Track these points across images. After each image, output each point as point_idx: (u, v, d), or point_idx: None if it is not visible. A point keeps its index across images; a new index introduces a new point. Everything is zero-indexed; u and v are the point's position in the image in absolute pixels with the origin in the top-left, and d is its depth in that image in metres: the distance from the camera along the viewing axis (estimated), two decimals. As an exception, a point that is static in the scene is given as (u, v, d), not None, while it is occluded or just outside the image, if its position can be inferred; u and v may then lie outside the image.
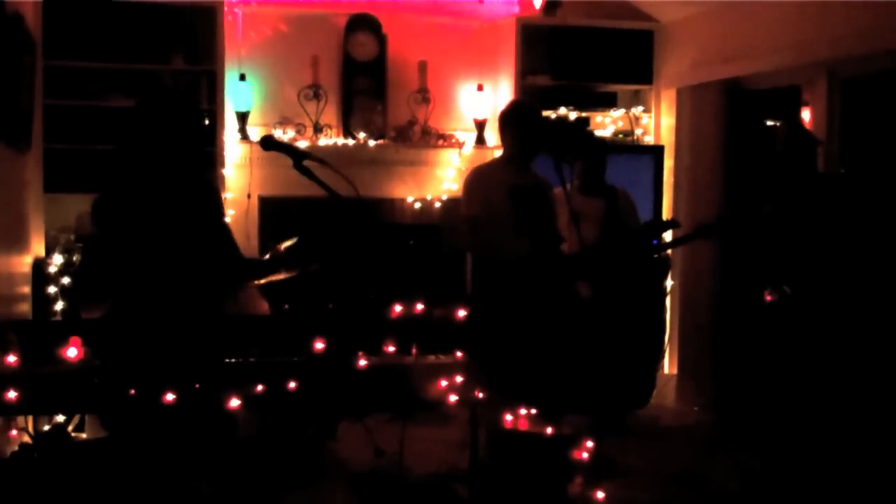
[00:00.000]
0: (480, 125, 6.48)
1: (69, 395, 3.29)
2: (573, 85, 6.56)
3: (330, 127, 6.27)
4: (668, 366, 6.59)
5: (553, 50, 6.48)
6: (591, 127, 6.58)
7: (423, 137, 6.42)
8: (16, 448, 3.96)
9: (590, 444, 3.91)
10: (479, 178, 4.82)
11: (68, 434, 4.29)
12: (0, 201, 4.47)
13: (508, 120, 4.87)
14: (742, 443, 5.07)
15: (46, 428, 4.45)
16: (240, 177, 6.12)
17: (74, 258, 5.31)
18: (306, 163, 3.35)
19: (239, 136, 6.06)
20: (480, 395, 3.58)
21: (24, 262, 5.06)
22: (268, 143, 3.46)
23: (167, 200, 3.34)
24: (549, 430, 3.91)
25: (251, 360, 3.37)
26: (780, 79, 5.68)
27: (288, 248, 4.94)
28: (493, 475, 3.94)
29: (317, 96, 6.19)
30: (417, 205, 6.47)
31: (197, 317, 3.36)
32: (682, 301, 6.37)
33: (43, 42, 5.40)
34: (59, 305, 5.15)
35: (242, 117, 6.08)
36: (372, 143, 6.25)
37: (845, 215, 4.56)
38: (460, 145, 6.45)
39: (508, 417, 3.93)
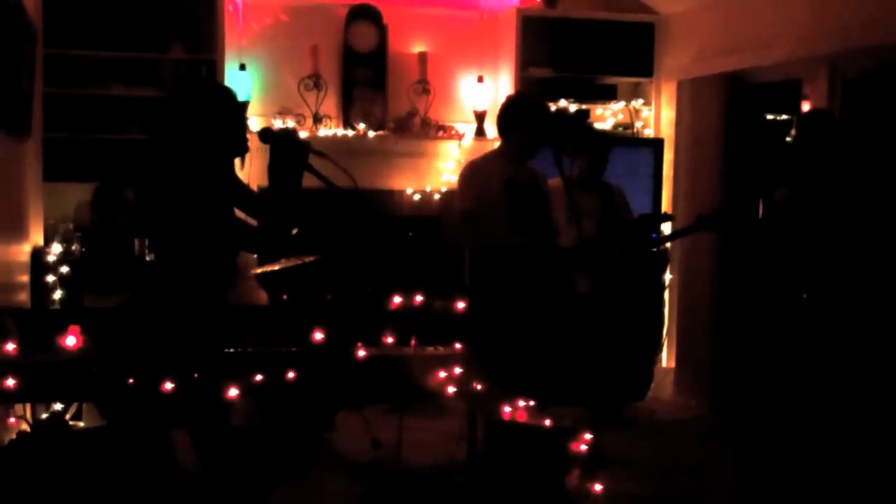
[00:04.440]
0: (480, 117, 6.48)
1: (67, 383, 3.29)
2: (573, 77, 6.55)
3: (330, 117, 6.26)
4: (666, 359, 6.59)
5: (554, 42, 6.47)
6: (591, 119, 6.57)
7: (422, 129, 6.41)
8: (14, 436, 3.97)
9: (588, 436, 3.92)
10: (474, 172, 4.79)
11: (66, 422, 4.29)
12: (-1, 189, 4.48)
13: (515, 114, 4.78)
14: (739, 436, 5.07)
15: (44, 416, 4.46)
16: (238, 167, 6.11)
17: (73, 247, 5.31)
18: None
19: (238, 125, 6.04)
20: (479, 386, 3.58)
21: (23, 251, 5.05)
22: (266, 135, 3.44)
23: (204, 191, 3.32)
24: (547, 423, 3.91)
25: (250, 350, 3.37)
26: (780, 72, 5.68)
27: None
28: (490, 467, 3.94)
29: (317, 86, 6.18)
30: (417, 196, 6.46)
31: (212, 304, 3.36)
32: (681, 295, 6.37)
33: (43, 30, 5.39)
34: (57, 294, 5.15)
35: (242, 107, 6.07)
36: (371, 134, 6.25)
37: (856, 206, 4.55)
38: (460, 137, 6.44)
39: (506, 409, 3.93)
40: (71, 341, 3.24)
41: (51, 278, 5.17)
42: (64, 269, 5.19)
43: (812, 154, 4.59)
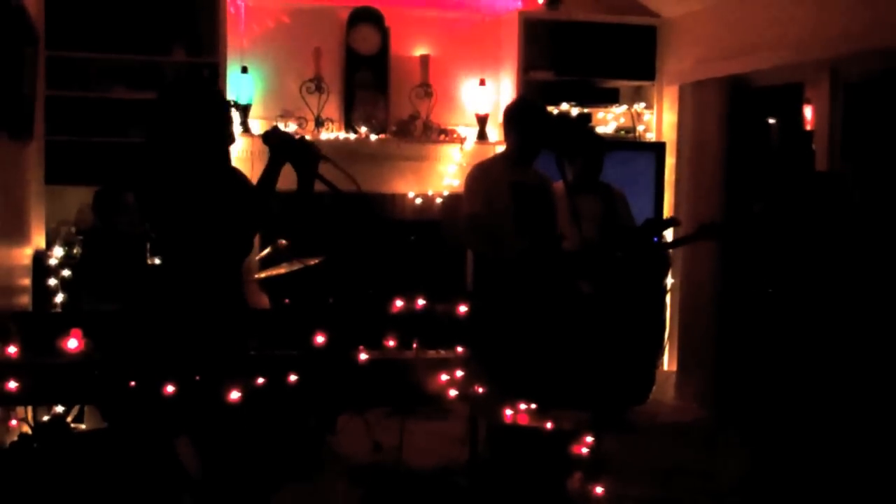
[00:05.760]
0: (482, 120, 6.47)
1: (69, 386, 3.30)
2: (575, 80, 6.54)
3: (331, 121, 6.26)
4: (668, 363, 6.59)
5: (555, 45, 6.47)
6: (593, 123, 6.56)
7: (424, 132, 6.41)
8: (15, 438, 3.97)
9: (589, 439, 3.92)
10: (480, 175, 4.80)
11: (67, 425, 4.30)
12: (1, 193, 4.47)
13: (513, 118, 4.83)
14: (741, 439, 5.06)
15: (46, 418, 4.46)
16: (241, 170, 6.09)
17: (75, 250, 5.32)
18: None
19: (241, 128, 6.04)
20: (480, 390, 3.59)
21: (25, 254, 5.06)
22: (269, 137, 3.42)
23: (202, 189, 3.28)
24: (548, 426, 3.91)
25: (252, 353, 3.38)
26: (782, 76, 5.68)
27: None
28: (492, 470, 3.94)
29: (319, 89, 6.18)
30: (418, 200, 6.46)
31: (225, 306, 3.34)
32: (683, 299, 6.37)
33: (45, 33, 5.40)
34: (59, 297, 5.16)
35: (244, 110, 6.07)
36: (373, 137, 6.24)
37: (843, 213, 4.55)
38: (462, 140, 6.44)
39: (508, 412, 3.93)
40: (72, 344, 3.25)
41: (52, 281, 5.17)
42: (66, 273, 5.19)
43: (785, 163, 4.60)
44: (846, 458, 4.32)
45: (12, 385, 3.13)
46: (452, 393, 3.49)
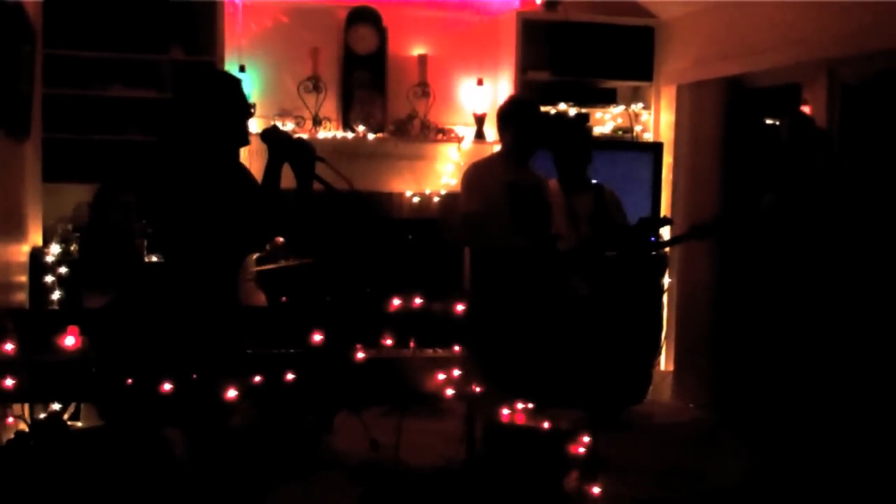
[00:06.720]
0: (480, 120, 6.48)
1: (66, 383, 3.29)
2: (573, 81, 6.55)
3: (329, 120, 6.26)
4: (665, 362, 6.59)
5: (553, 45, 6.47)
6: (591, 123, 6.57)
7: (422, 131, 6.41)
8: (12, 436, 3.96)
9: (586, 438, 3.92)
10: (477, 174, 4.81)
11: (64, 422, 4.29)
12: (-2, 190, 4.47)
13: (507, 117, 4.85)
14: (738, 439, 5.07)
15: (43, 416, 4.45)
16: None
17: (72, 248, 5.31)
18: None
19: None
20: (477, 388, 3.58)
21: (22, 252, 5.05)
22: (267, 135, 3.41)
23: (212, 187, 3.27)
24: (545, 425, 3.92)
25: (249, 351, 3.38)
26: (780, 77, 5.69)
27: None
28: (488, 469, 3.94)
29: (316, 89, 6.18)
30: (416, 199, 6.47)
31: (222, 304, 3.34)
32: (680, 298, 6.37)
33: (43, 31, 5.39)
34: (56, 295, 5.15)
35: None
36: (371, 136, 6.25)
37: (848, 209, 4.56)
38: (459, 140, 6.45)
39: (505, 411, 3.93)
40: (69, 341, 3.24)
41: (49, 279, 5.17)
42: (63, 270, 5.19)
43: (796, 158, 4.60)
44: (845, 457, 4.33)
45: (9, 382, 3.12)
46: (449, 392, 3.49)
